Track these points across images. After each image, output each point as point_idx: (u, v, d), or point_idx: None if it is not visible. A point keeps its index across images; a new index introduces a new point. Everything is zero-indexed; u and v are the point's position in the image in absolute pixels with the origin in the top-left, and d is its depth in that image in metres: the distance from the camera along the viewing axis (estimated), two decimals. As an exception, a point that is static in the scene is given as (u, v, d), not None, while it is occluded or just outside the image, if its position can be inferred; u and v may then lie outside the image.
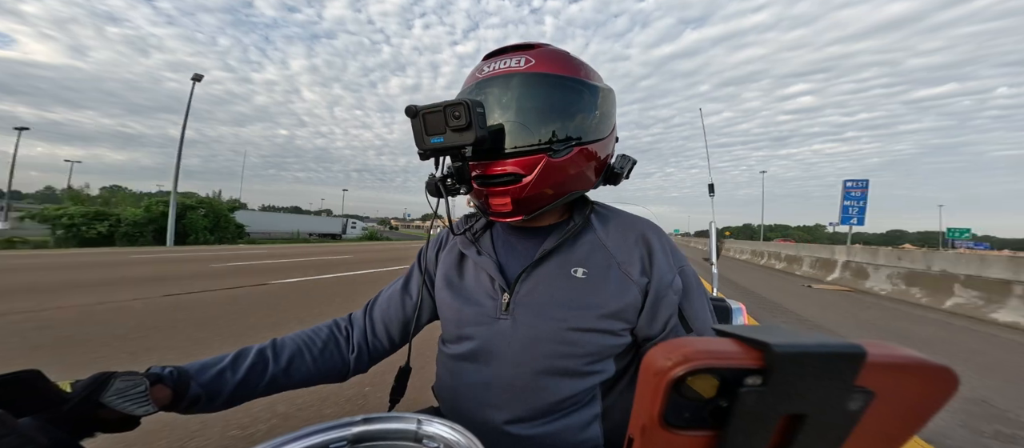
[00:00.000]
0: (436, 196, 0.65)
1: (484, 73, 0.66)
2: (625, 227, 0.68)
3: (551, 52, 0.66)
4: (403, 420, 0.48)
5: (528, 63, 0.63)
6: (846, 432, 0.20)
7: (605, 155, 0.69)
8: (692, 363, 0.19)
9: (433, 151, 0.59)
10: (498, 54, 0.68)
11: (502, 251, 0.71)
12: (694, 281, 0.67)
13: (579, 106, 0.64)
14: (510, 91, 0.63)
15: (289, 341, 0.69)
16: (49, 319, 3.66)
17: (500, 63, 0.65)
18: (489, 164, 0.62)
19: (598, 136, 0.66)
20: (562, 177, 0.62)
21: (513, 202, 0.63)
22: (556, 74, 0.63)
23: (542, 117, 0.63)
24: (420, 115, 0.57)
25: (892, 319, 5.41)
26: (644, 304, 0.63)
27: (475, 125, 0.55)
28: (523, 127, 0.62)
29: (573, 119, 0.63)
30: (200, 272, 7.27)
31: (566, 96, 0.64)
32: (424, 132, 0.58)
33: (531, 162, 0.60)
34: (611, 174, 0.71)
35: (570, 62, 0.66)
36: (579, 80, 0.65)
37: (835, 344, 0.19)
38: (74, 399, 0.43)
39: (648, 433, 0.20)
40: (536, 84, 0.63)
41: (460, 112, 0.55)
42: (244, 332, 3.52)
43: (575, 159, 0.63)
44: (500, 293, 0.66)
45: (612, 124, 0.70)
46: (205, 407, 0.57)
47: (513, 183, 0.61)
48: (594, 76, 0.68)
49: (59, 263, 8.16)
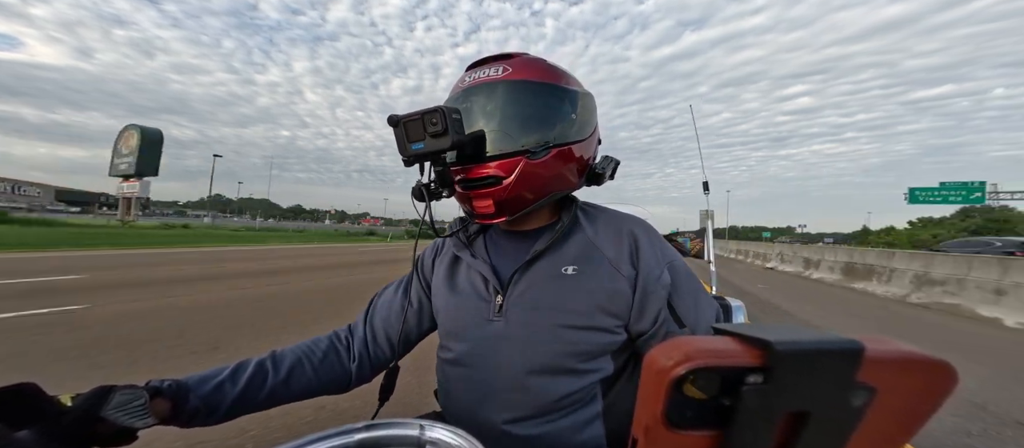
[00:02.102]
0: (420, 200, 0.67)
1: (466, 83, 0.69)
2: (613, 224, 0.70)
3: (528, 60, 0.69)
4: (405, 426, 0.48)
5: (506, 72, 0.67)
6: (850, 428, 0.20)
7: (587, 156, 0.71)
8: (693, 362, 0.19)
9: (415, 157, 0.61)
10: (479, 64, 0.71)
11: (495, 254, 0.72)
12: (684, 276, 0.68)
13: (556, 110, 0.67)
14: (489, 98, 0.67)
15: (289, 352, 0.68)
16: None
17: (480, 73, 0.68)
18: (472, 168, 0.65)
19: (577, 138, 0.68)
20: (542, 179, 0.64)
21: (495, 204, 0.64)
22: (532, 80, 0.66)
23: (520, 122, 0.66)
24: (401, 124, 0.59)
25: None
26: (634, 299, 0.64)
27: (451, 130, 0.57)
28: (502, 131, 0.65)
29: (550, 122, 0.66)
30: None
31: (541, 101, 0.67)
32: (406, 140, 0.60)
33: (510, 164, 0.62)
34: (593, 175, 0.73)
35: (546, 68, 0.68)
36: (554, 85, 0.67)
37: (834, 340, 0.19)
38: (74, 413, 0.42)
39: (652, 433, 0.20)
40: (513, 91, 0.66)
41: (437, 119, 0.57)
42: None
43: (553, 161, 0.64)
44: (494, 294, 0.67)
45: (593, 126, 0.72)
46: (204, 420, 0.57)
47: (494, 185, 0.63)
48: (571, 81, 0.70)
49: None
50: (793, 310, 6.23)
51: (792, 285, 9.66)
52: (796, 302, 7.09)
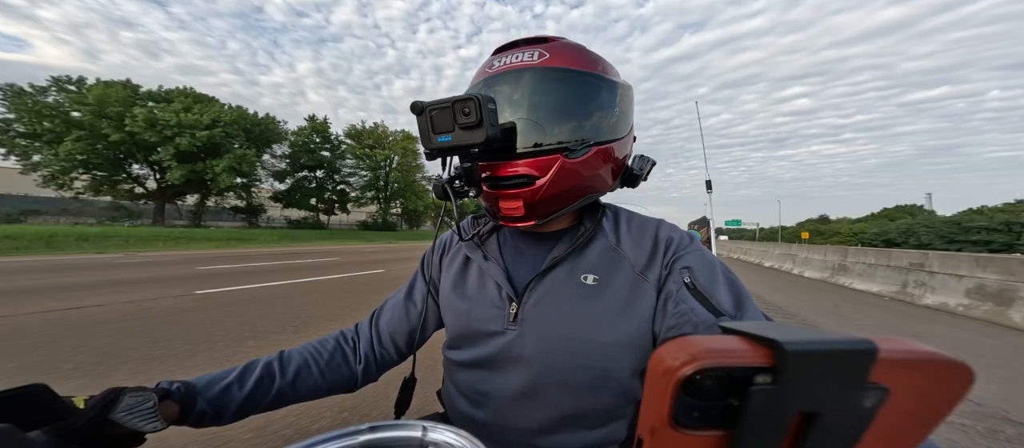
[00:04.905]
0: (443, 199, 0.61)
1: (495, 68, 0.61)
2: (638, 228, 0.64)
3: (567, 45, 0.61)
4: (409, 427, 0.48)
5: (542, 57, 0.59)
6: (861, 430, 0.20)
7: (623, 155, 0.64)
8: (700, 362, 0.18)
9: (440, 151, 0.54)
10: (510, 47, 0.63)
11: (510, 257, 0.68)
12: (709, 259, 0.59)
13: (597, 103, 0.60)
14: (523, 87, 0.59)
15: (296, 354, 0.68)
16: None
17: (512, 57, 0.60)
18: (500, 165, 0.58)
19: (616, 135, 0.61)
20: (578, 179, 0.58)
21: (525, 206, 0.58)
22: (573, 69, 0.59)
23: (557, 115, 0.58)
24: (426, 112, 0.53)
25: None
26: (657, 303, 0.58)
27: (486, 123, 0.50)
28: (537, 126, 0.58)
29: (590, 117, 0.59)
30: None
31: (583, 92, 0.59)
32: (430, 130, 0.53)
33: (546, 163, 0.56)
34: (629, 176, 0.67)
35: (587, 56, 0.61)
36: (597, 75, 0.60)
37: (846, 340, 0.19)
38: (85, 415, 0.43)
39: (658, 434, 0.20)
40: (551, 79, 0.59)
41: (470, 108, 0.50)
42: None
43: (592, 160, 0.58)
44: (508, 302, 0.62)
45: (630, 123, 0.66)
46: (212, 421, 0.57)
47: (526, 185, 0.57)
48: (612, 71, 0.63)
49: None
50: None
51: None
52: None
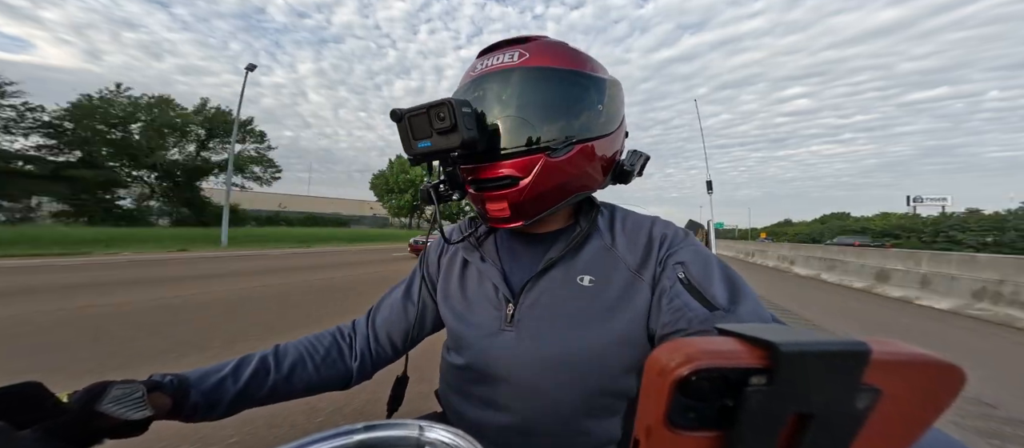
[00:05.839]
0: (429, 203, 0.61)
1: (477, 71, 0.61)
2: (633, 227, 0.64)
3: (547, 44, 0.61)
4: (405, 427, 0.48)
5: (522, 57, 0.59)
6: (854, 431, 0.20)
7: (613, 152, 0.64)
8: (696, 363, 0.18)
9: (422, 156, 0.56)
10: (493, 49, 0.63)
11: (507, 258, 0.68)
12: (703, 254, 0.58)
13: (579, 100, 0.59)
14: (503, 88, 0.59)
15: (292, 348, 0.67)
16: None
17: (494, 59, 0.61)
18: (484, 167, 0.59)
19: (602, 132, 0.61)
20: (563, 177, 0.58)
21: (511, 207, 0.59)
22: (552, 67, 0.59)
23: (539, 114, 0.58)
24: (405, 119, 0.54)
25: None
26: (652, 302, 0.58)
27: (461, 126, 0.51)
28: (519, 126, 0.58)
29: (573, 115, 0.59)
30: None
31: (564, 90, 0.59)
32: (410, 137, 0.54)
33: (528, 163, 0.56)
34: (621, 172, 0.67)
35: (568, 53, 0.61)
36: (578, 72, 0.60)
37: (840, 342, 0.19)
38: (72, 410, 0.42)
39: (653, 435, 0.20)
40: (530, 79, 0.59)
41: (445, 113, 0.51)
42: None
43: (576, 158, 0.58)
44: (504, 304, 0.62)
45: (620, 118, 0.65)
46: (205, 415, 0.57)
47: (510, 186, 0.57)
48: (597, 67, 0.63)
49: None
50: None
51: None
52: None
